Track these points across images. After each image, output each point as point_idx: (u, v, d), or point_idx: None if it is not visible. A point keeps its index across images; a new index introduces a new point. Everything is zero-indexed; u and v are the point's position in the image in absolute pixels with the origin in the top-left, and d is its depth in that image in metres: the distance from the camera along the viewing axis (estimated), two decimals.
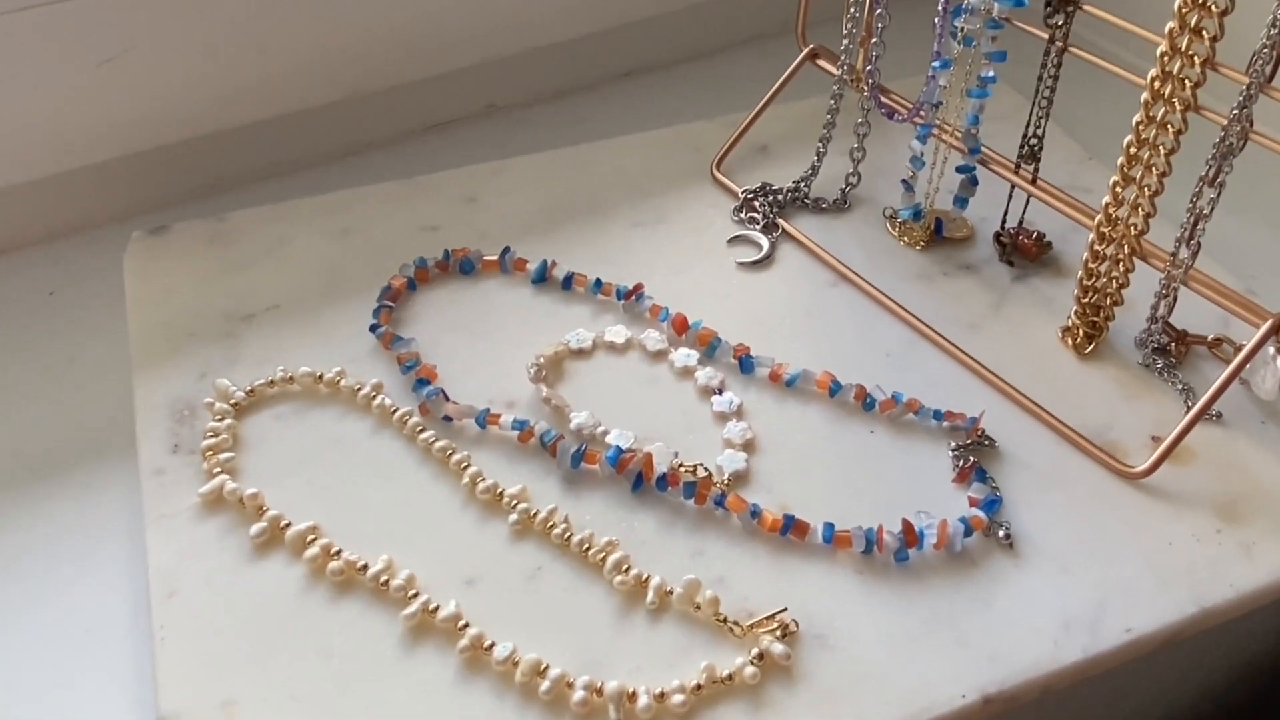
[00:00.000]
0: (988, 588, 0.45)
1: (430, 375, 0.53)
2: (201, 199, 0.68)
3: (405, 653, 0.43)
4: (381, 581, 0.44)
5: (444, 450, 0.49)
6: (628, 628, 0.44)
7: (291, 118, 0.69)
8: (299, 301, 0.57)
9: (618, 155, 0.67)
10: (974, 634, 0.43)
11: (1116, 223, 0.51)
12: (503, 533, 0.47)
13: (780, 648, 0.42)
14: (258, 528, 0.46)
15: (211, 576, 0.45)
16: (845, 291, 0.59)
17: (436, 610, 0.43)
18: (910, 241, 0.61)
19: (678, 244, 0.61)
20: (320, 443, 0.50)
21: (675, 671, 0.42)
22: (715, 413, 0.52)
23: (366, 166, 0.72)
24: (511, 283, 0.59)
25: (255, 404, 0.52)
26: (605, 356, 0.55)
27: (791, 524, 0.46)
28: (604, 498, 0.48)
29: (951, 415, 0.51)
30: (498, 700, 0.41)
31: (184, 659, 0.42)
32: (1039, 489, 0.48)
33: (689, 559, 0.46)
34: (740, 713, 0.41)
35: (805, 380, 0.53)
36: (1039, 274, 0.59)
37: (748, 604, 0.44)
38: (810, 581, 0.45)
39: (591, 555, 0.45)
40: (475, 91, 0.76)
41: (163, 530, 0.47)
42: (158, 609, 0.44)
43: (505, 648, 0.42)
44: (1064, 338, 0.55)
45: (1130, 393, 0.53)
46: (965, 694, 0.41)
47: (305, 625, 0.43)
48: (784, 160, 0.67)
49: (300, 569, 0.45)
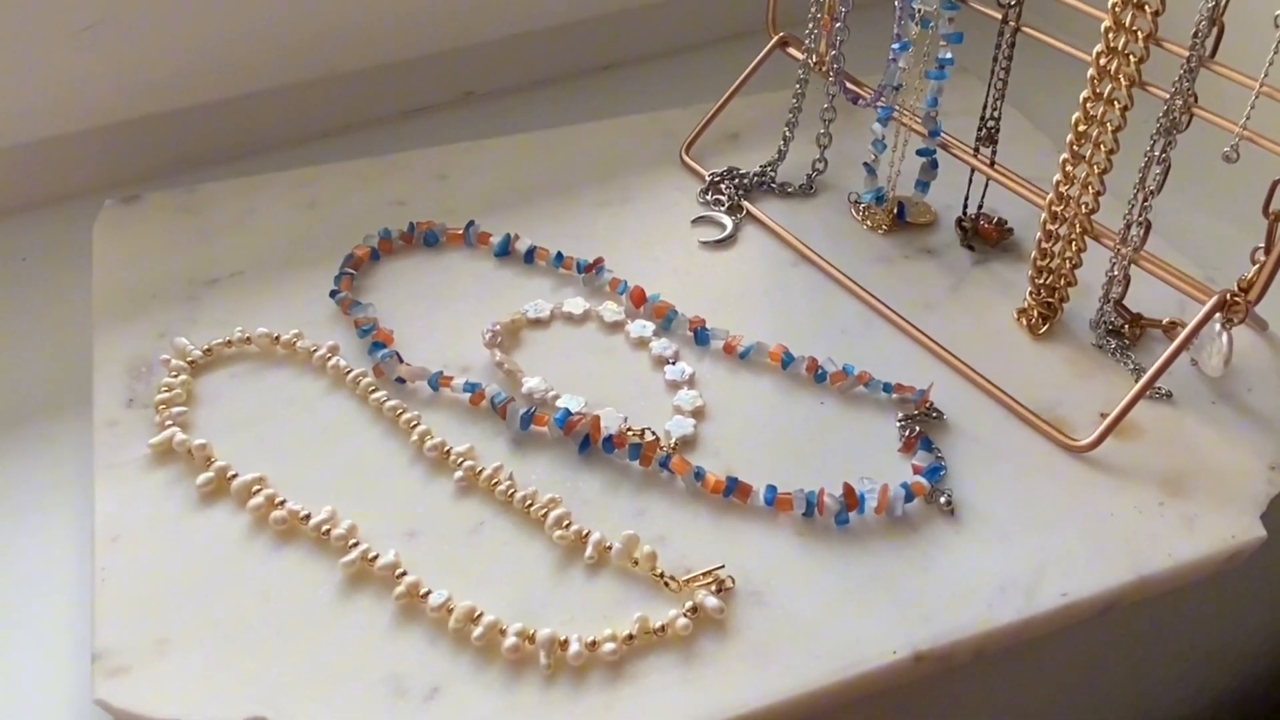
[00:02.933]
0: (926, 552, 0.45)
1: (386, 339, 0.53)
2: (177, 174, 0.69)
3: (342, 599, 0.43)
4: (323, 531, 0.44)
5: (394, 410, 0.50)
6: (565, 581, 0.44)
7: (268, 94, 0.70)
8: (262, 269, 0.58)
9: (589, 139, 0.68)
10: (909, 595, 0.43)
11: (1068, 201, 0.51)
12: (448, 489, 0.47)
13: (714, 601, 0.42)
14: (204, 477, 0.46)
15: (156, 523, 0.45)
16: (806, 271, 0.59)
17: (375, 559, 0.43)
18: (873, 225, 0.61)
19: (642, 223, 0.62)
20: (273, 401, 0.51)
21: (609, 623, 0.42)
22: (668, 381, 0.52)
23: (343, 148, 0.73)
24: (475, 256, 0.60)
25: (212, 363, 0.53)
26: (562, 327, 0.56)
27: (734, 486, 0.46)
28: (550, 459, 0.49)
29: (901, 388, 0.51)
30: (430, 645, 0.41)
31: (122, 599, 0.43)
32: (984, 461, 0.49)
33: (631, 518, 0.46)
34: (671, 663, 0.41)
35: (759, 352, 0.53)
36: (999, 259, 0.60)
37: (686, 561, 0.44)
38: (750, 542, 0.45)
39: (534, 511, 0.45)
40: (454, 77, 0.77)
41: (111, 478, 0.47)
42: (100, 552, 0.44)
43: (440, 595, 0.42)
44: (1019, 319, 0.55)
45: (1081, 372, 0.53)
46: (896, 650, 0.41)
47: (245, 571, 0.44)
48: (754, 148, 0.67)
49: (244, 518, 0.46)
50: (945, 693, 0.46)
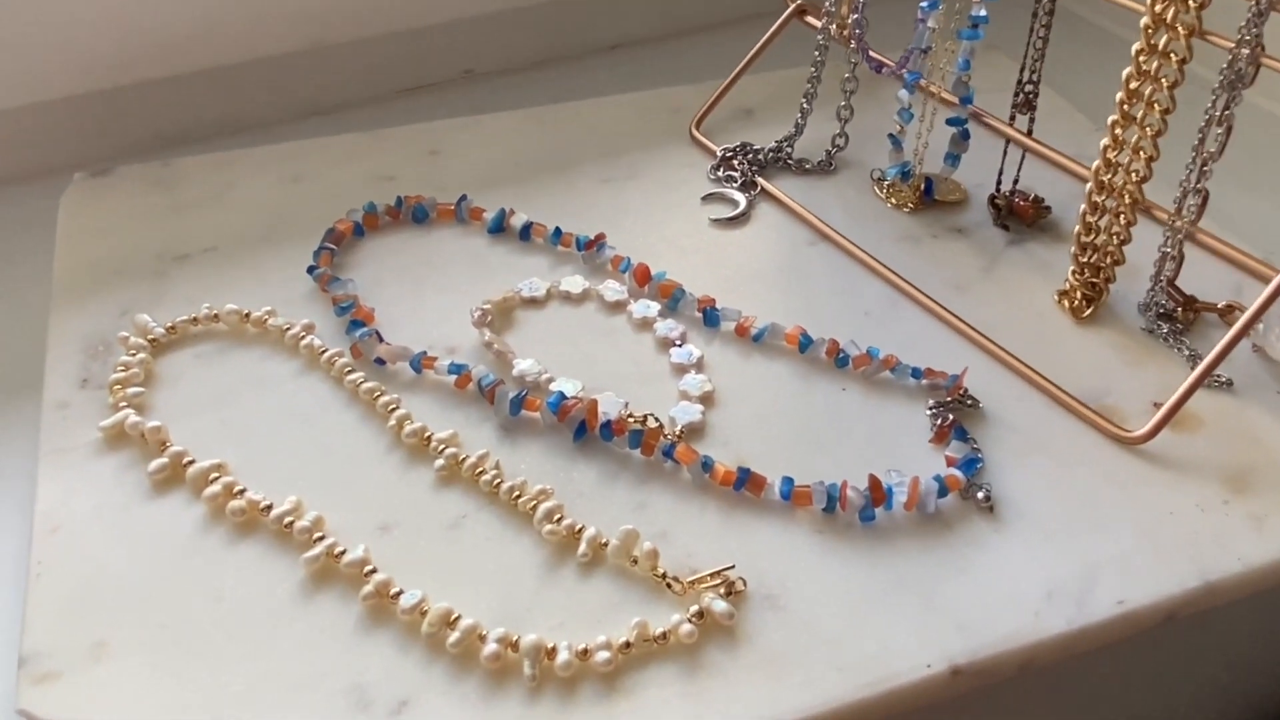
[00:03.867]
0: (962, 553, 0.40)
1: (367, 318, 0.49)
2: (151, 151, 0.65)
3: (302, 599, 0.38)
4: (286, 523, 0.40)
5: (371, 392, 0.45)
6: (554, 581, 0.39)
7: (251, 67, 0.65)
8: (238, 244, 0.54)
9: (592, 114, 0.64)
10: (944, 601, 0.38)
11: (1116, 169, 0.46)
12: (427, 479, 0.42)
13: (723, 606, 0.37)
14: (157, 464, 0.42)
15: (100, 513, 0.41)
16: (824, 251, 0.54)
17: (342, 554, 0.39)
18: (898, 203, 0.57)
19: (648, 200, 0.57)
20: (240, 382, 0.46)
21: (604, 628, 0.37)
22: (674, 364, 0.47)
23: (331, 129, 0.69)
24: (467, 232, 0.55)
25: (176, 342, 0.48)
26: (560, 306, 0.51)
27: (747, 478, 0.41)
28: (543, 447, 0.44)
29: (931, 373, 0.46)
30: (399, 652, 0.36)
31: (57, 597, 0.38)
32: (1025, 453, 0.44)
33: (631, 512, 0.41)
34: (672, 675, 0.36)
35: (774, 334, 0.48)
36: (1036, 239, 0.55)
37: (691, 561, 0.39)
38: (764, 540, 0.40)
39: (522, 504, 0.41)
40: (452, 55, 0.72)
41: (56, 465, 0.43)
42: (38, 545, 0.40)
43: (413, 595, 0.37)
44: (1060, 301, 0.51)
45: (1131, 359, 0.48)
46: (931, 664, 0.36)
47: (196, 567, 0.39)
48: (769, 125, 0.63)
49: (199, 509, 0.41)
50: (985, 712, 0.41)
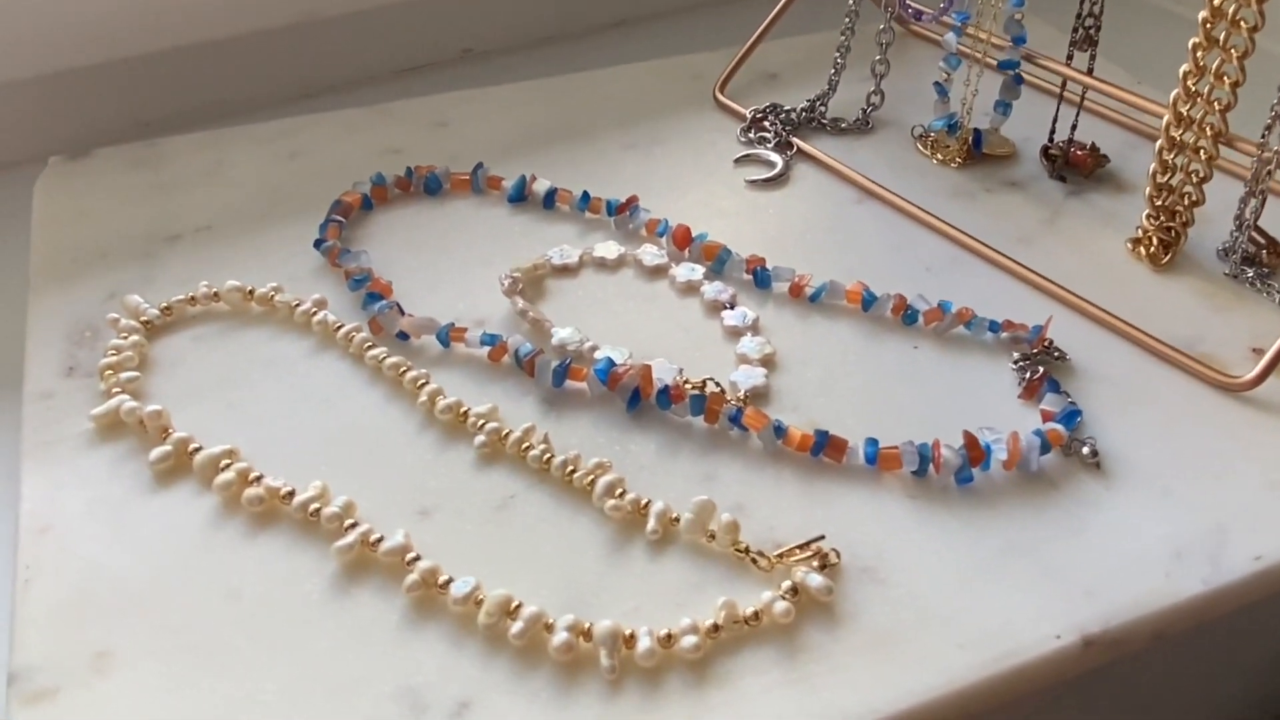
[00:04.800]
0: (1074, 513, 0.36)
1: (384, 290, 0.44)
2: (130, 136, 0.60)
3: (337, 593, 0.33)
4: (311, 511, 0.35)
5: (397, 368, 0.40)
6: (623, 562, 0.34)
7: (234, 43, 0.61)
8: (233, 223, 0.49)
9: (608, 83, 0.60)
10: (1063, 566, 0.34)
11: (1196, 99, 0.43)
12: (467, 458, 0.38)
13: (819, 580, 0.33)
14: (159, 452, 0.37)
15: (96, 509, 0.36)
16: (873, 208, 0.50)
17: (380, 542, 0.34)
18: (945, 159, 0.53)
19: (676, 165, 0.53)
20: (247, 364, 0.42)
21: (685, 611, 0.32)
22: (727, 328, 0.43)
23: (325, 109, 0.64)
24: (484, 202, 0.51)
25: (172, 324, 0.43)
26: (594, 274, 0.47)
27: (825, 441, 0.37)
28: (592, 419, 0.39)
29: (1011, 325, 0.42)
30: (454, 648, 0.32)
31: (50, 604, 0.33)
32: (1124, 405, 0.40)
33: (698, 484, 0.37)
34: (770, 659, 0.31)
35: (833, 294, 0.44)
36: (1096, 189, 0.51)
37: (773, 534, 0.35)
38: (850, 508, 0.36)
39: (577, 479, 0.36)
40: (450, 32, 0.68)
41: (42, 459, 0.38)
42: (25, 546, 0.35)
43: (465, 583, 0.32)
44: (1135, 249, 0.47)
45: (1219, 305, 0.44)
46: (1060, 635, 0.32)
47: (210, 563, 0.34)
48: (794, 88, 0.59)
49: (211, 500, 0.36)
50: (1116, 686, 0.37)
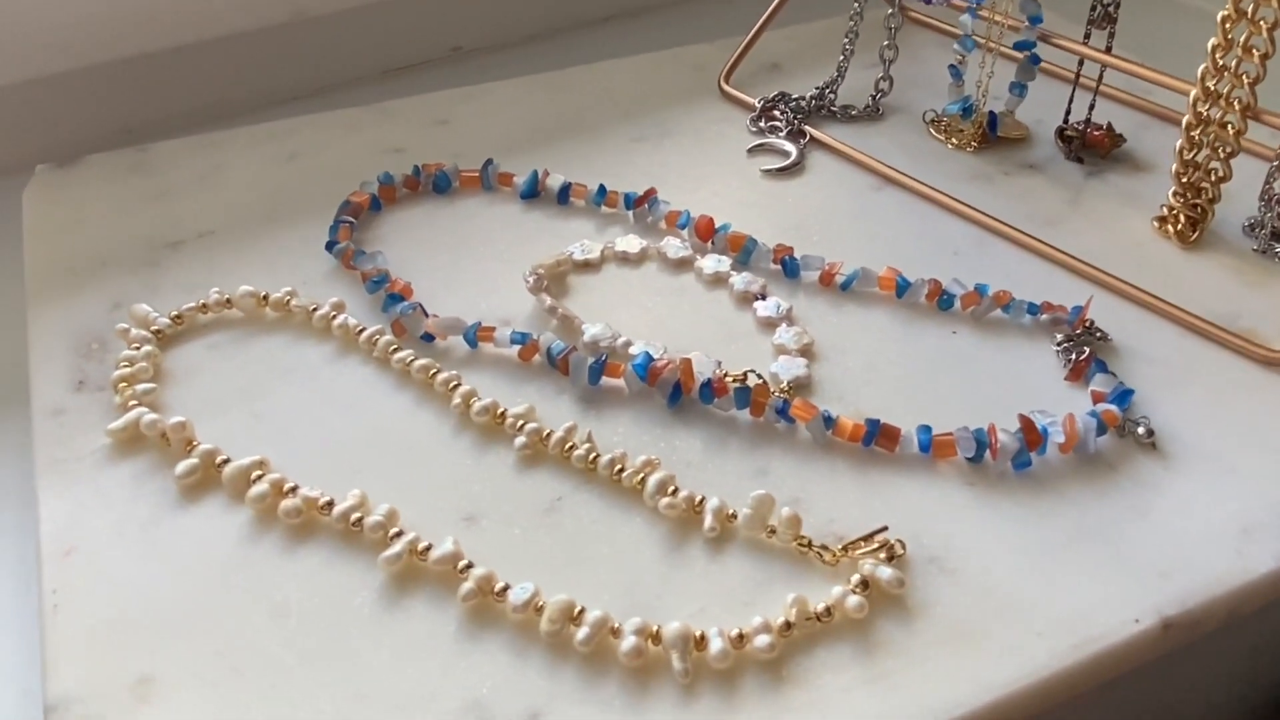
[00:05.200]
0: (1137, 495, 0.35)
1: (405, 292, 0.42)
2: (116, 142, 0.58)
3: (388, 605, 0.32)
4: (353, 521, 0.33)
5: (426, 370, 0.39)
6: (683, 561, 0.33)
7: (217, 45, 0.59)
8: (237, 227, 0.47)
9: (608, 77, 0.59)
10: (1133, 549, 0.33)
11: (1224, 73, 0.42)
12: (508, 460, 0.36)
13: (889, 572, 0.32)
14: (186, 465, 0.35)
15: (123, 528, 0.34)
16: (893, 194, 0.50)
17: (428, 550, 0.32)
18: (960, 143, 0.52)
19: (688, 156, 0.52)
20: (267, 373, 0.40)
21: (753, 610, 0.31)
22: (760, 319, 0.42)
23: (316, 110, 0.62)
24: (496, 199, 0.49)
25: (183, 332, 0.41)
26: (616, 268, 0.45)
27: (877, 430, 0.36)
28: (632, 416, 0.38)
29: (1050, 307, 0.41)
30: (516, 658, 0.30)
31: (83, 630, 0.31)
32: (1170, 384, 0.39)
33: (750, 479, 0.36)
34: (846, 656, 0.30)
35: (865, 281, 0.43)
36: (1114, 170, 0.51)
37: (833, 528, 0.34)
38: (908, 498, 0.35)
39: (626, 478, 0.35)
40: (440, 31, 0.67)
41: (59, 478, 0.36)
42: (50, 571, 0.33)
43: (524, 589, 0.31)
44: (1162, 227, 0.47)
45: (1251, 280, 0.44)
46: (1139, 618, 0.31)
47: (250, 580, 0.32)
48: (797, 78, 0.58)
49: (244, 514, 0.34)
50: (1187, 668, 0.36)
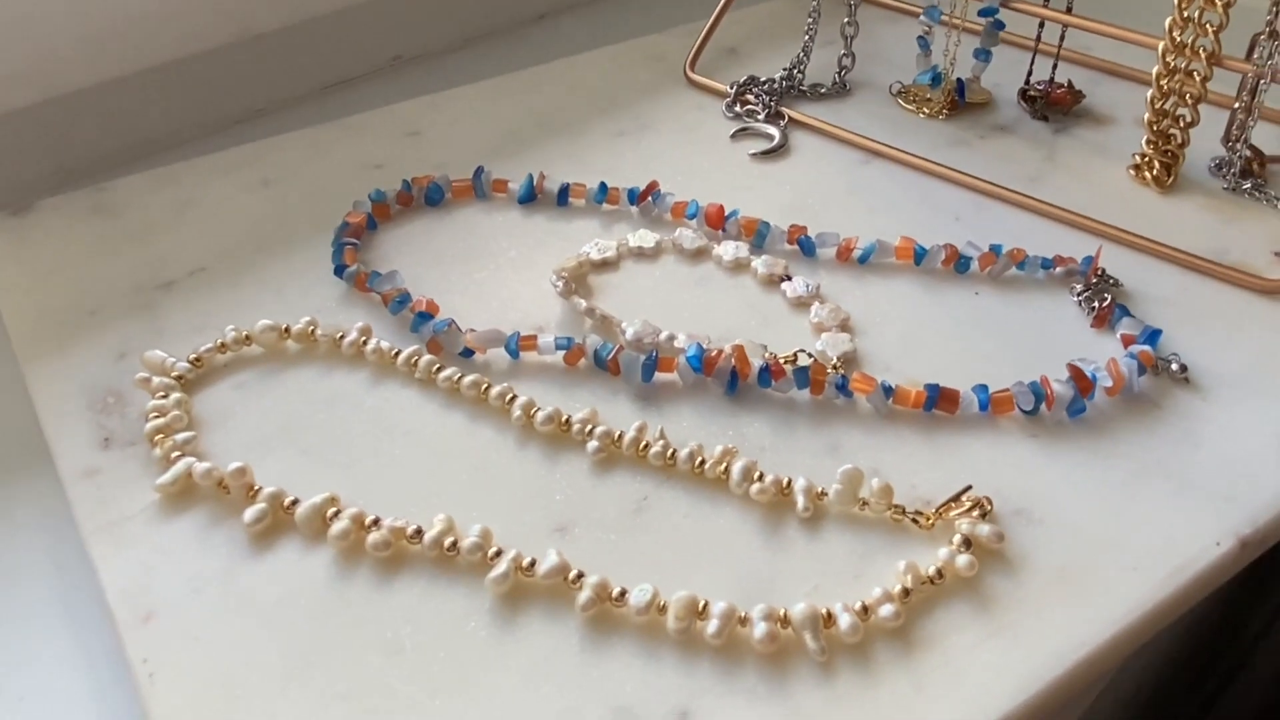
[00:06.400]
0: (1185, 427, 0.37)
1: (431, 308, 0.41)
2: (55, 186, 0.54)
3: (505, 626, 0.31)
4: (448, 547, 0.33)
5: (477, 385, 0.38)
6: (783, 544, 0.33)
7: (139, 78, 0.55)
8: (229, 261, 0.45)
9: (570, 73, 0.58)
10: (1196, 477, 0.35)
11: (1188, 24, 0.45)
12: (582, 467, 0.36)
13: (988, 529, 0.33)
14: (255, 511, 0.34)
15: (198, 584, 0.32)
16: (882, 167, 0.51)
17: (534, 566, 0.32)
18: (931, 112, 0.54)
19: (674, 146, 0.52)
20: (306, 406, 0.38)
21: (865, 582, 0.32)
22: (791, 300, 0.43)
23: (264, 134, 0.60)
24: (493, 207, 0.49)
25: (205, 375, 0.40)
26: (634, 264, 0.45)
27: (937, 395, 0.37)
28: (693, 408, 0.38)
29: (1062, 260, 0.43)
30: (650, 660, 0.30)
31: (187, 696, 0.29)
32: (1185, 321, 0.41)
33: (825, 456, 0.36)
34: (965, 615, 0.31)
35: (881, 253, 0.44)
36: (1079, 125, 0.53)
37: (916, 493, 0.35)
38: (978, 456, 0.36)
39: (709, 469, 0.35)
40: (378, 42, 0.65)
41: (111, 539, 0.34)
42: (131, 640, 0.31)
43: (644, 590, 0.31)
44: (1138, 174, 0.49)
45: (1228, 217, 0.47)
46: (1219, 541, 0.33)
47: (353, 620, 0.31)
48: (758, 61, 0.59)
49: (326, 552, 0.33)
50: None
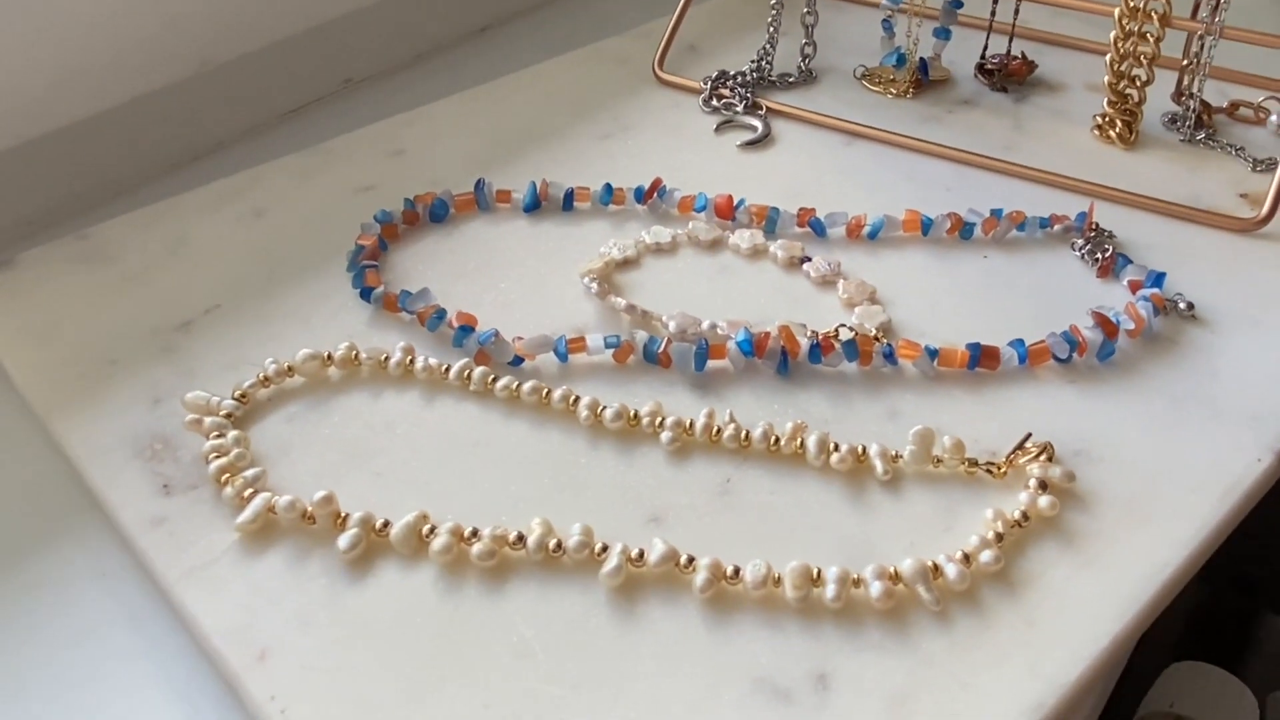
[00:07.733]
0: (1203, 359, 0.40)
1: (470, 321, 0.42)
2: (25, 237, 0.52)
3: (626, 619, 0.32)
4: (553, 549, 0.33)
5: (538, 391, 0.38)
6: (870, 508, 0.35)
7: (97, 120, 0.54)
8: (242, 295, 0.44)
9: (539, 81, 0.59)
10: (1224, 403, 0.38)
11: None
12: (659, 458, 0.37)
13: (1058, 470, 0.35)
14: (349, 537, 0.33)
15: (305, 617, 0.32)
16: (865, 147, 0.53)
17: (642, 557, 0.33)
18: (898, 92, 0.56)
19: (661, 145, 0.53)
20: (366, 431, 0.38)
21: (955, 534, 0.34)
22: (815, 279, 0.44)
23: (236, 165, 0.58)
24: (498, 218, 0.49)
25: (252, 411, 0.39)
26: (654, 260, 0.46)
27: (979, 352, 0.39)
28: (750, 392, 0.39)
29: (1058, 218, 0.46)
30: (775, 631, 0.31)
31: None
32: (1178, 264, 0.44)
33: (886, 422, 0.38)
34: (1054, 553, 0.33)
35: (889, 227, 0.46)
36: (1035, 93, 0.56)
37: (980, 445, 0.37)
38: (1028, 405, 0.38)
39: (785, 446, 0.36)
40: (328, 66, 0.64)
41: (199, 585, 0.33)
42: (252, 680, 0.30)
43: (757, 566, 0.32)
44: (1103, 134, 0.52)
45: (1191, 165, 0.51)
46: (1260, 457, 0.36)
47: (473, 630, 0.31)
48: (720, 55, 0.61)
49: (428, 568, 0.33)
50: None
